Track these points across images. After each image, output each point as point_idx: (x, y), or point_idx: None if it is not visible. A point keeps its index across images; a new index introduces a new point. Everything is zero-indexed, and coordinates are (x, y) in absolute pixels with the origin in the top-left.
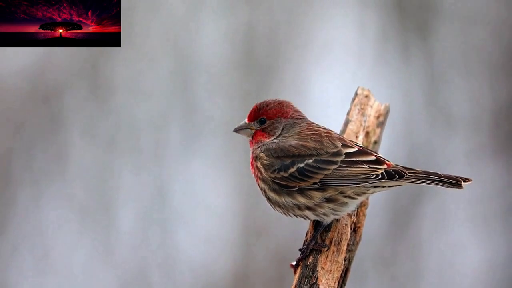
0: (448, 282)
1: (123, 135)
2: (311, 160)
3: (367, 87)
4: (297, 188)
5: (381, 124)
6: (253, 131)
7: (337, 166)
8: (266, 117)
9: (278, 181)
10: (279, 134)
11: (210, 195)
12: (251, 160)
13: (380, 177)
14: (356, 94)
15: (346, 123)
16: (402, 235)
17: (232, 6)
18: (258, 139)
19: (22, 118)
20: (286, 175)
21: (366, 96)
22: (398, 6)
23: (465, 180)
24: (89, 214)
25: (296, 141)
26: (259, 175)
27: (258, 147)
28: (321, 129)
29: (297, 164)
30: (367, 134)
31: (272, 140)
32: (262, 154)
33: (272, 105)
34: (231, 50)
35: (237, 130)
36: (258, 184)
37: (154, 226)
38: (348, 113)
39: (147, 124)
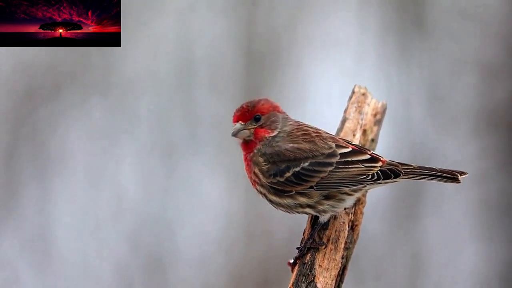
0: (448, 280)
1: (123, 132)
2: (306, 163)
3: (366, 84)
4: (293, 192)
5: (378, 122)
6: (251, 130)
7: (333, 167)
8: (261, 114)
9: (274, 186)
10: (281, 129)
11: (209, 193)
12: (246, 164)
13: (376, 177)
14: (353, 92)
15: (343, 121)
16: (400, 232)
17: (233, 3)
18: (261, 136)
19: (21, 115)
20: (282, 179)
21: (363, 94)
22: (398, 3)
23: (461, 173)
24: (89, 211)
25: (290, 144)
26: (257, 180)
27: (257, 152)
28: (310, 128)
29: (292, 169)
30: (364, 132)
31: (276, 134)
32: (260, 159)
33: (262, 101)
34: (231, 48)
35: (235, 134)
36: (256, 188)
37: (153, 224)
38: (345, 111)
39: (147, 121)
